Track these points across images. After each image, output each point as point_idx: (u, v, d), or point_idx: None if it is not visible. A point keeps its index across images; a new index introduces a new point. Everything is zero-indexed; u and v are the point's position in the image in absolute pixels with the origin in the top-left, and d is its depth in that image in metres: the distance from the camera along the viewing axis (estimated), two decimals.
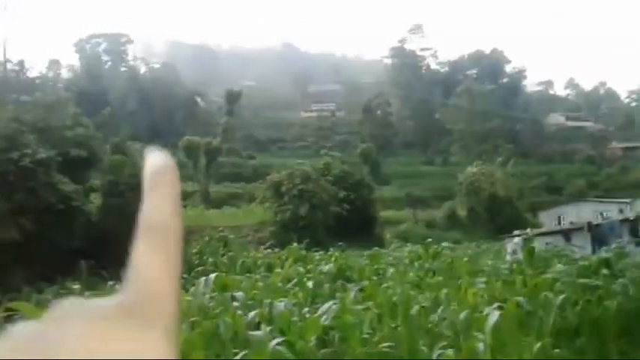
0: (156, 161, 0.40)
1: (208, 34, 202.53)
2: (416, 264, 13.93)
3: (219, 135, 44.76)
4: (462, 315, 5.87)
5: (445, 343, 5.62)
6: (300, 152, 62.09)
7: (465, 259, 15.51)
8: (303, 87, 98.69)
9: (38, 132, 20.10)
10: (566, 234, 20.50)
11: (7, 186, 18.38)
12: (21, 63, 66.96)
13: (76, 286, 8.88)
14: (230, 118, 46.18)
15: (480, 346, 4.88)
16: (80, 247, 19.21)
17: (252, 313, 5.33)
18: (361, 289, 7.67)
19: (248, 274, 12.37)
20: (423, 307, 6.52)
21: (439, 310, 6.46)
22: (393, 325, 6.19)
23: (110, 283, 11.85)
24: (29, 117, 20.68)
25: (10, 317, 7.94)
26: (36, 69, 71.59)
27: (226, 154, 52.41)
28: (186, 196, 40.92)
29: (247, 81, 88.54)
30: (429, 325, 6.15)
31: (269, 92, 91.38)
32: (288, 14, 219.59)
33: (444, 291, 7.95)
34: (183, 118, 67.14)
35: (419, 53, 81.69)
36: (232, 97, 46.35)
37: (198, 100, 73.42)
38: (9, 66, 66.20)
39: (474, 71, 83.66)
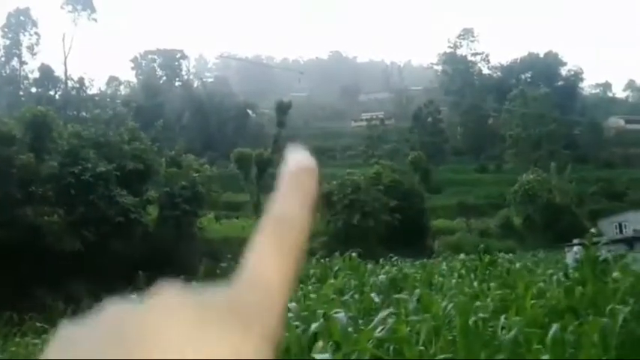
0: (298, 160, 0.39)
1: (259, 48, 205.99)
2: (471, 274, 13.61)
3: (269, 146, 45.28)
4: (522, 326, 5.69)
5: (505, 355, 5.47)
6: (350, 162, 62.05)
7: (523, 268, 15.07)
8: (352, 96, 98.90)
9: (98, 147, 20.91)
10: (630, 242, 19.66)
11: (69, 199, 19.20)
12: (81, 80, 69.98)
13: (135, 296, 9.12)
14: (280, 129, 46.65)
15: (545, 358, 4.71)
16: (138, 257, 19.81)
17: (313, 325, 5.30)
18: (417, 300, 7.55)
19: (300, 285, 12.41)
20: (481, 318, 6.35)
21: (500, 321, 6.27)
22: (451, 337, 6.07)
23: None
24: (89, 133, 21.53)
25: None
26: (95, 86, 74.40)
27: (277, 165, 52.87)
28: (237, 207, 41.59)
29: (297, 92, 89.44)
30: (488, 337, 5.98)
31: (319, 102, 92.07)
32: (337, 24, 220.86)
33: (502, 302, 7.75)
34: (234, 130, 68.45)
35: (470, 58, 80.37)
36: (282, 108, 46.88)
37: (249, 112, 74.70)
38: (70, 84, 69.33)
39: (528, 75, 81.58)
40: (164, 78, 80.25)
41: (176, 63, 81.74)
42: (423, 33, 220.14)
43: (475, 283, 10.82)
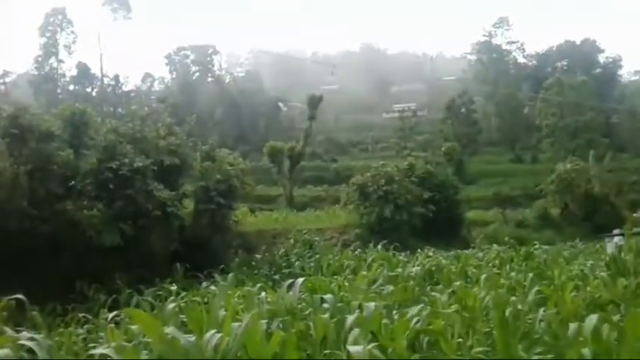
0: None
1: (290, 42, 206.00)
2: (507, 265, 13.45)
3: (301, 139, 45.40)
4: (561, 319, 5.60)
5: (544, 348, 5.40)
6: (382, 154, 61.75)
7: (561, 259, 14.81)
8: (384, 88, 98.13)
9: (135, 142, 21.28)
10: None
11: (107, 194, 19.61)
12: (116, 77, 71.49)
13: (174, 288, 9.32)
14: (312, 122, 46.70)
15: (586, 351, 4.63)
16: (175, 251, 20.17)
17: (349, 318, 5.33)
18: (453, 292, 7.50)
19: (335, 276, 12.46)
20: (518, 310, 6.28)
21: (539, 314, 6.18)
22: (487, 330, 6.02)
23: (205, 284, 12.36)
24: (126, 128, 21.94)
25: (115, 317, 8.49)
26: (131, 83, 75.88)
27: (309, 158, 53.14)
28: (271, 200, 41.91)
29: (328, 85, 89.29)
30: (526, 330, 5.91)
31: (350, 95, 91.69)
32: (367, 16, 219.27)
33: (539, 294, 7.63)
34: (266, 124, 68.90)
35: (505, 47, 78.87)
36: (314, 102, 46.86)
37: (281, 105, 75.03)
38: (105, 81, 70.90)
39: (564, 63, 79.78)
40: (197, 74, 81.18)
41: (208, 59, 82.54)
42: (455, 23, 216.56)
43: (512, 274, 10.70)
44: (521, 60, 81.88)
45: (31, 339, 5.07)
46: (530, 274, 10.22)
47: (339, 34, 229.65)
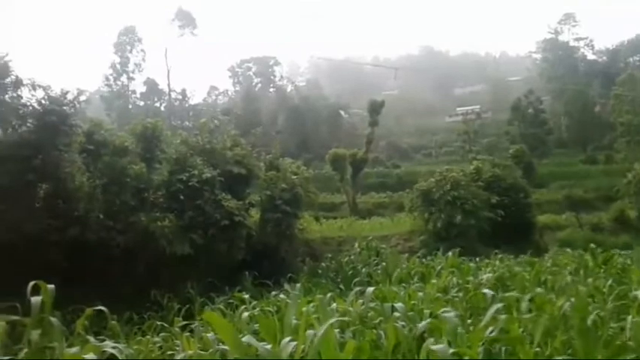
0: None
1: (349, 48, 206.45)
2: (581, 271, 12.87)
3: (363, 146, 45.31)
4: None
5: (629, 356, 5.13)
6: (447, 158, 60.70)
7: None
8: (446, 91, 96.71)
9: (203, 154, 21.96)
10: None
11: (178, 205, 20.30)
12: (183, 92, 74.08)
13: (246, 296, 9.50)
14: (373, 128, 46.52)
15: None
16: (243, 259, 20.58)
17: (421, 324, 5.27)
18: (530, 299, 7.26)
19: (403, 284, 12.32)
20: (599, 317, 5.99)
21: (627, 322, 5.88)
22: (566, 338, 5.79)
23: (274, 293, 12.52)
24: (195, 140, 22.66)
25: (187, 326, 8.74)
26: (197, 96, 78.42)
27: (371, 165, 52.95)
28: (334, 208, 41.98)
29: (389, 90, 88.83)
30: (608, 338, 5.63)
31: (412, 99, 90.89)
32: (426, 18, 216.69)
33: (620, 300, 7.27)
34: (328, 131, 69.27)
35: (572, 44, 75.92)
36: (375, 107, 46.62)
37: (342, 112, 75.25)
38: (173, 95, 73.58)
39: (637, 58, 75.94)
40: (259, 85, 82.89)
41: (270, 69, 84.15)
42: (518, 21, 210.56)
43: (590, 281, 10.23)
44: (590, 56, 78.69)
45: (114, 347, 5.29)
46: (610, 280, 9.75)
47: (398, 38, 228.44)
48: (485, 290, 7.78)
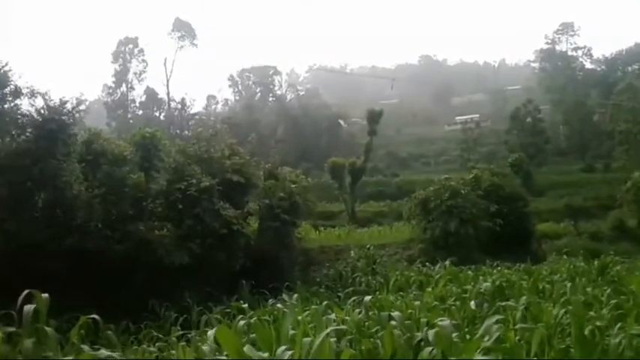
0: None
1: (348, 58, 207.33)
2: (577, 279, 12.86)
3: (362, 155, 45.34)
4: None
5: None
6: (445, 167, 60.74)
7: (638, 273, 14.03)
8: (445, 100, 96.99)
9: (201, 163, 21.94)
10: None
11: (177, 214, 20.25)
12: (182, 101, 74.28)
13: (245, 306, 9.46)
14: (372, 137, 46.56)
15: None
16: (241, 267, 20.51)
17: (417, 334, 5.26)
18: (526, 308, 7.25)
19: (400, 293, 12.31)
20: (597, 326, 5.99)
21: (625, 331, 5.87)
22: (563, 347, 5.78)
23: (271, 301, 12.49)
24: (193, 149, 22.66)
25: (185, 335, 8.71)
26: (196, 105, 78.57)
27: (370, 174, 52.96)
28: (333, 216, 41.92)
29: (388, 99, 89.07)
30: (606, 347, 5.62)
31: (410, 108, 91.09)
32: (424, 28, 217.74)
33: (617, 309, 7.26)
34: (327, 140, 69.36)
35: (570, 53, 76.27)
36: (374, 117, 46.67)
37: (341, 122, 75.38)
38: (172, 104, 73.78)
39: (636, 67, 76.22)
40: (259, 94, 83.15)
41: (269, 79, 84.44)
42: (516, 30, 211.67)
43: (589, 289, 10.22)
44: (588, 65, 79.02)
45: (108, 357, 5.27)
46: (607, 289, 9.74)
47: (397, 48, 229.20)
48: (472, 302, 7.79)
